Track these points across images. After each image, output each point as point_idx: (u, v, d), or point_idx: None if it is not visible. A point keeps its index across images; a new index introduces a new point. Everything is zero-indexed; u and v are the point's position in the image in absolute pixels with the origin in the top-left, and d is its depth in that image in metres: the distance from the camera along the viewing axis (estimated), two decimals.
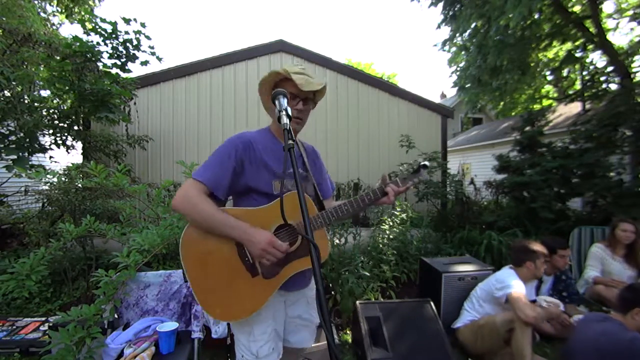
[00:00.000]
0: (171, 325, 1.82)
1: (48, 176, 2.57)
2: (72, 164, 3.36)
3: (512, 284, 2.29)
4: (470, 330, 2.46)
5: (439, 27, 9.69)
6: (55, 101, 4.29)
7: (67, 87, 3.87)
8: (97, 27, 4.08)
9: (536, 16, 7.92)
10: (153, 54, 4.60)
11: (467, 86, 10.62)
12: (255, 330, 1.24)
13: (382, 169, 6.15)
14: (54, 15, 10.67)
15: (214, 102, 5.85)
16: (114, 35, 4.17)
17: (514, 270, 2.45)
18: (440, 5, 9.23)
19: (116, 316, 1.91)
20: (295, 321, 1.40)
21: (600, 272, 3.12)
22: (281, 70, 1.25)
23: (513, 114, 13.18)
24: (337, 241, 3.54)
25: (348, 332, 2.77)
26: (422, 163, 1.31)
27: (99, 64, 4.17)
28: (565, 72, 10.47)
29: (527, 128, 5.44)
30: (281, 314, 1.32)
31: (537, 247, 2.48)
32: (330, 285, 3.12)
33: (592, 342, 1.74)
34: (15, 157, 3.44)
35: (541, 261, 2.45)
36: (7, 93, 3.70)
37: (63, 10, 10.47)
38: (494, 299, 2.42)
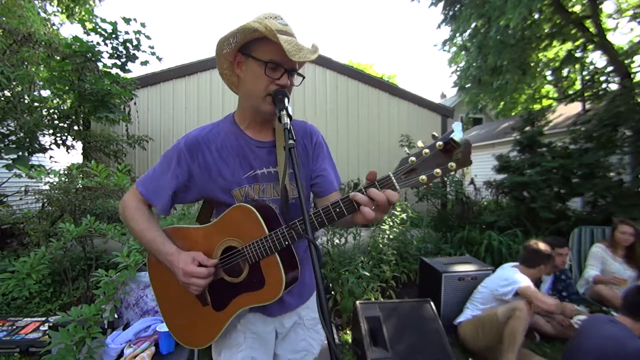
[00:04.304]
0: None
1: (50, 176, 2.58)
2: (73, 163, 3.37)
3: (519, 279, 2.33)
4: (472, 324, 2.49)
5: (439, 27, 9.69)
6: (55, 101, 4.29)
7: (67, 87, 3.88)
8: (97, 27, 4.09)
9: (536, 16, 7.92)
10: (153, 54, 4.62)
11: (467, 86, 10.59)
12: (223, 356, 1.07)
13: (382, 169, 6.13)
14: (55, 15, 10.69)
15: (214, 102, 5.85)
16: (114, 35, 4.18)
17: (518, 269, 2.47)
18: (440, 5, 9.22)
19: (116, 316, 1.91)
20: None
21: (601, 271, 3.11)
22: (261, 27, 0.84)
23: (513, 114, 13.15)
24: (337, 241, 3.54)
25: (348, 332, 2.77)
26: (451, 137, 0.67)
27: (99, 64, 4.18)
28: (565, 72, 10.44)
29: (527, 128, 5.44)
30: (267, 348, 1.10)
31: (549, 250, 2.50)
32: (330, 285, 3.11)
33: (597, 345, 1.71)
34: (15, 156, 3.44)
35: (551, 264, 2.51)
36: (7, 93, 3.70)
37: (63, 11, 10.48)
38: (496, 297, 2.44)
